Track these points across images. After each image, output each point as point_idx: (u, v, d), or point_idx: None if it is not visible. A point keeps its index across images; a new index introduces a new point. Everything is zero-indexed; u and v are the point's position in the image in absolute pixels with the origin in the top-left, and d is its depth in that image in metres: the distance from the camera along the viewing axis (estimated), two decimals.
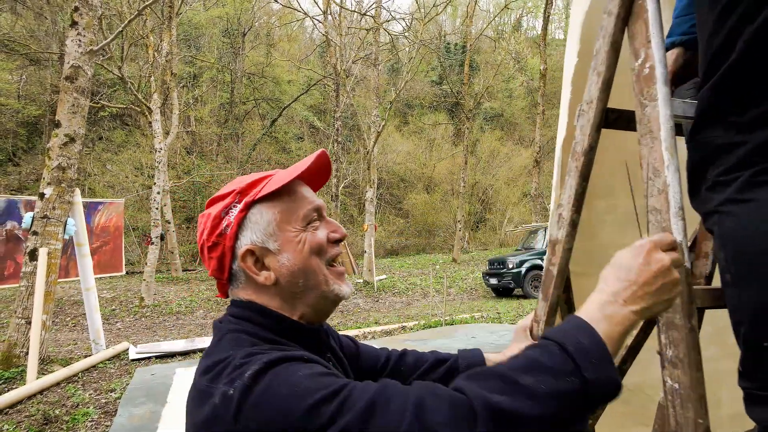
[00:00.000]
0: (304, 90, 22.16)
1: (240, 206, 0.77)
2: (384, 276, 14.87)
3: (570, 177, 0.96)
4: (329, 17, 12.97)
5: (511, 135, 29.43)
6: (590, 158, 0.93)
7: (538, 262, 11.38)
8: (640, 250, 0.65)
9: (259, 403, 0.58)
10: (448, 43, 28.19)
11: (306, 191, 0.82)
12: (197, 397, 0.65)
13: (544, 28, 16.55)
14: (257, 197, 0.77)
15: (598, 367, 0.56)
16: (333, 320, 9.23)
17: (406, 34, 11.72)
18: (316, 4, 12.56)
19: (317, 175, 0.88)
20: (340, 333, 1.02)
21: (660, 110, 0.79)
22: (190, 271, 16.36)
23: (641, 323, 0.62)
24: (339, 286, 0.80)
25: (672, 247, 0.67)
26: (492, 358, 1.05)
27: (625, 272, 0.64)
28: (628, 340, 0.99)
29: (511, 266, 11.48)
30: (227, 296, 0.82)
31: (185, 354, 6.33)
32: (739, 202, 0.73)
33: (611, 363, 0.57)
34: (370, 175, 12.81)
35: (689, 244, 1.10)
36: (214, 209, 0.79)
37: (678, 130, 0.85)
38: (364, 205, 22.07)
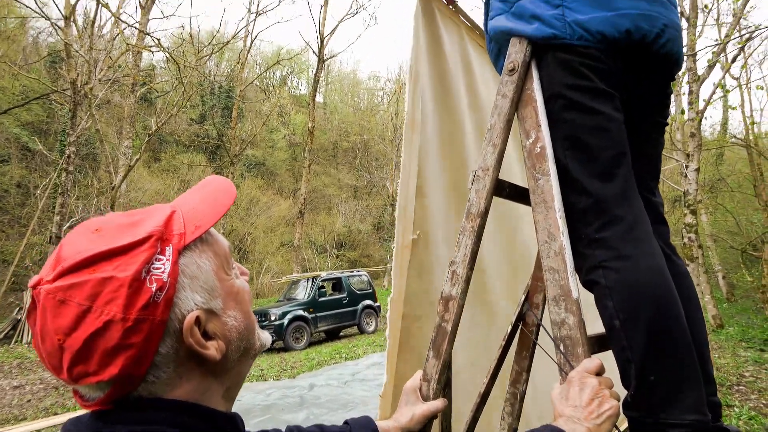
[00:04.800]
0: (21, 102, 17.26)
1: (168, 257, 0.53)
2: None
3: (465, 236, 1.01)
4: (72, 25, 10.80)
5: (272, 184, 29.95)
6: (484, 220, 1.00)
7: (300, 312, 11.54)
8: (574, 380, 0.81)
9: None
10: (214, 84, 27.33)
11: None
12: None
13: (314, 89, 17.97)
14: (188, 242, 0.55)
15: None
16: None
17: (181, 64, 10.73)
18: (56, 5, 10.27)
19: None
20: None
21: (552, 183, 0.92)
22: None
23: None
24: (262, 334, 0.70)
25: (599, 371, 0.82)
26: (383, 425, 1.00)
27: (571, 401, 0.79)
28: None
29: (273, 318, 11.23)
30: (113, 404, 0.51)
31: None
32: (620, 259, 0.88)
33: None
34: None
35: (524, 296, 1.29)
36: (116, 272, 0.48)
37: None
38: None
